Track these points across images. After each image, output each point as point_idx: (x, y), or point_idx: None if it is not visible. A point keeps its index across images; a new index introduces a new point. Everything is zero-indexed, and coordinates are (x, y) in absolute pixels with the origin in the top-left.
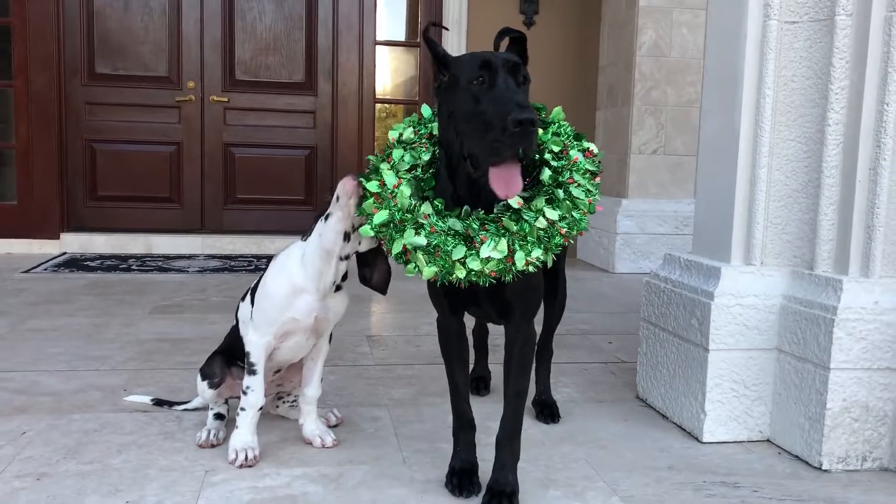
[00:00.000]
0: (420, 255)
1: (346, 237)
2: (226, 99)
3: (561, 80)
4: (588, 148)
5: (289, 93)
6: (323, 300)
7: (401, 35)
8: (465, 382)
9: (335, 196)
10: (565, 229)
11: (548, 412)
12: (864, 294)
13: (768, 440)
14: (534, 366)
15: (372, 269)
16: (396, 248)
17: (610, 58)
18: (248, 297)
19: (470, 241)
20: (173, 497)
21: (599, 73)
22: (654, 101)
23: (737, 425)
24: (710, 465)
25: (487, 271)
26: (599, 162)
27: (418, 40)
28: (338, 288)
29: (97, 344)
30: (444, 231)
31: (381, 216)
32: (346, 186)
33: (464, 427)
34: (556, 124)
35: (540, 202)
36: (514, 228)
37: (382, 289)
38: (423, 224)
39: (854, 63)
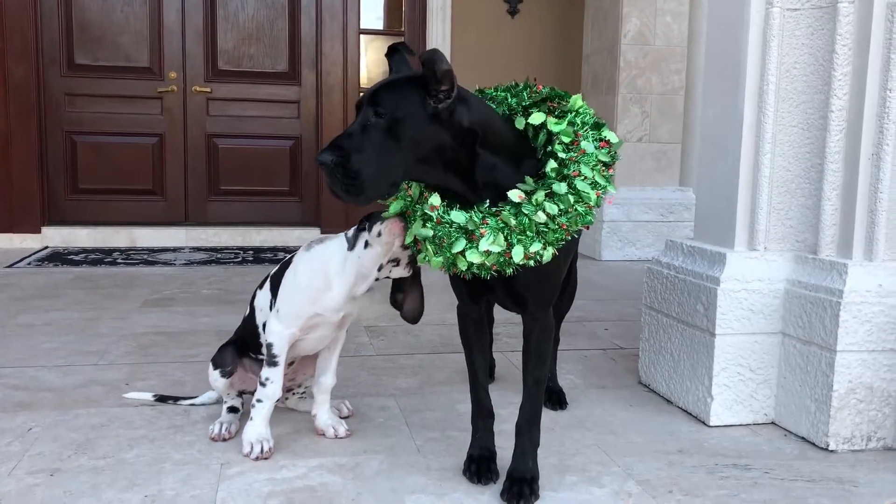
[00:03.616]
0: (429, 245)
1: (380, 267)
2: (208, 89)
3: (545, 68)
4: (604, 138)
5: (272, 83)
6: (351, 301)
7: (382, 23)
8: (484, 370)
9: (376, 231)
10: (566, 223)
11: (555, 399)
12: (869, 277)
13: (773, 423)
14: None
15: (405, 294)
16: (409, 237)
17: (594, 46)
18: (268, 286)
19: (470, 235)
20: (191, 490)
21: (583, 62)
22: (639, 89)
23: (742, 409)
24: (719, 448)
25: (488, 264)
26: (615, 153)
27: (402, 28)
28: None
29: (92, 338)
30: (448, 223)
31: (395, 206)
32: (393, 229)
33: (482, 415)
34: (573, 113)
35: (540, 196)
36: (513, 223)
37: (414, 318)
38: (430, 216)
39: (856, 50)
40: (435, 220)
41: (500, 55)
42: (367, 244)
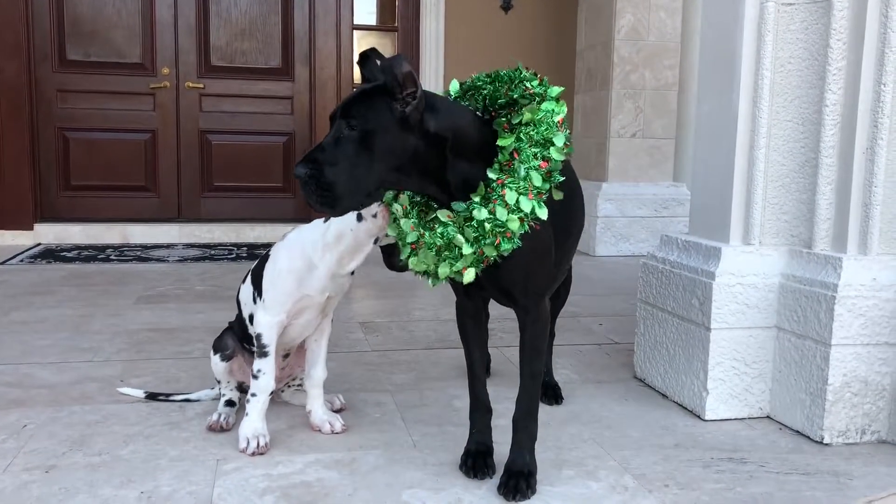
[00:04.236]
0: (399, 243)
1: (376, 240)
2: (201, 85)
3: (538, 64)
4: (547, 156)
5: (265, 78)
6: (333, 279)
7: (375, 18)
8: (482, 365)
9: (372, 211)
10: (483, 249)
11: (551, 394)
12: (863, 271)
13: (768, 416)
14: None
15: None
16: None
17: (588, 41)
18: (249, 279)
19: (411, 245)
20: (188, 486)
21: (577, 58)
22: (633, 85)
23: (738, 403)
24: (715, 442)
25: (429, 272)
26: (552, 174)
27: (396, 24)
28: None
29: (86, 335)
30: (399, 227)
31: (388, 196)
32: (386, 216)
33: (479, 409)
34: (524, 127)
35: (461, 219)
36: (439, 243)
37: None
38: (396, 216)
39: (851, 44)
40: (393, 221)
41: (493, 51)
42: (360, 217)
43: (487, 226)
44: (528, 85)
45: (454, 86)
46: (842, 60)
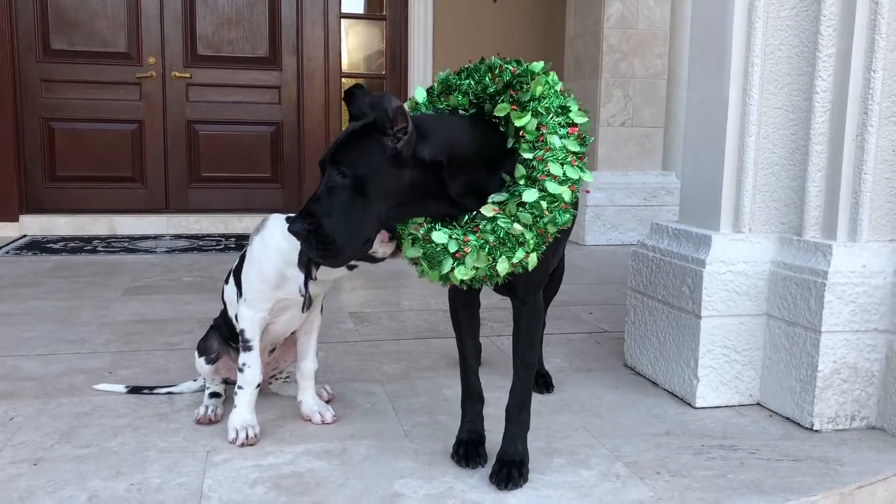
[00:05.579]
0: (422, 261)
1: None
2: (188, 75)
3: (527, 52)
4: (572, 122)
5: (253, 68)
6: (318, 283)
7: (363, 7)
8: (474, 354)
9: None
10: (544, 229)
11: (542, 382)
12: (853, 258)
13: (759, 404)
14: None
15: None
16: (405, 255)
17: (577, 30)
18: (232, 280)
19: (455, 253)
20: (178, 478)
21: (566, 46)
22: (622, 74)
23: (728, 390)
24: (705, 429)
25: (479, 276)
26: (584, 137)
27: (384, 13)
28: None
29: (73, 327)
30: (432, 243)
31: None
32: (388, 245)
33: (472, 398)
34: (536, 101)
35: (512, 207)
36: (492, 239)
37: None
38: (416, 235)
39: (841, 31)
40: (421, 238)
41: (482, 39)
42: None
43: (543, 204)
44: (510, 67)
45: (420, 94)
46: (832, 47)
